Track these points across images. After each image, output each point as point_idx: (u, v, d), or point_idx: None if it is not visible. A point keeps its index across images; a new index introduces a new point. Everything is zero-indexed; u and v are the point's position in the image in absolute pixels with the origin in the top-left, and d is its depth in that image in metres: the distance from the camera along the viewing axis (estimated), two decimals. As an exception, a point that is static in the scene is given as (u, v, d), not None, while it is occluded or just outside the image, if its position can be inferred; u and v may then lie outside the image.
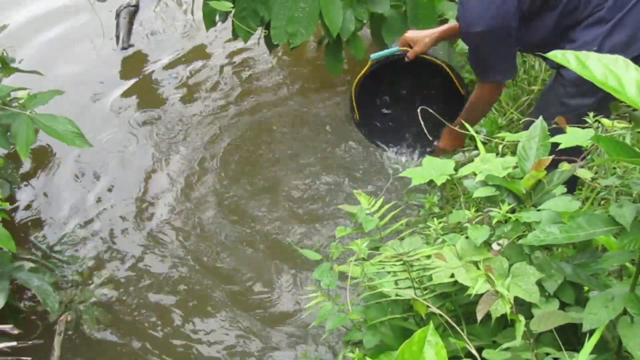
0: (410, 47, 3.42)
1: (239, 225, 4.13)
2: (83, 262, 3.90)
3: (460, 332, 1.77)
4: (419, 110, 2.61)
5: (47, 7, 6.18)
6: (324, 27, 4.24)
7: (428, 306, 1.91)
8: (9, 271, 3.14)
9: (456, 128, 2.94)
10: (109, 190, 4.42)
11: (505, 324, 1.91)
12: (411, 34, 3.44)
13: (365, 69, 3.58)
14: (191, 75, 5.41)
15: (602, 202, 2.76)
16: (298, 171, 4.49)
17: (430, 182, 2.30)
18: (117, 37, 5.78)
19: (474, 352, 1.71)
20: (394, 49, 3.50)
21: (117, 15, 5.90)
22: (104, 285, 3.74)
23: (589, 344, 1.61)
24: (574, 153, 2.08)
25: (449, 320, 1.79)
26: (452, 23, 3.48)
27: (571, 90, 2.86)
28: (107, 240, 4.07)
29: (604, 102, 2.65)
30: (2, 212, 3.07)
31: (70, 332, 3.49)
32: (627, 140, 2.50)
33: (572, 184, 2.75)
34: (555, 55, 1.44)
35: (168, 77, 5.42)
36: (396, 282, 2.10)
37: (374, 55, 3.54)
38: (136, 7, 6.08)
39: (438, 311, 1.82)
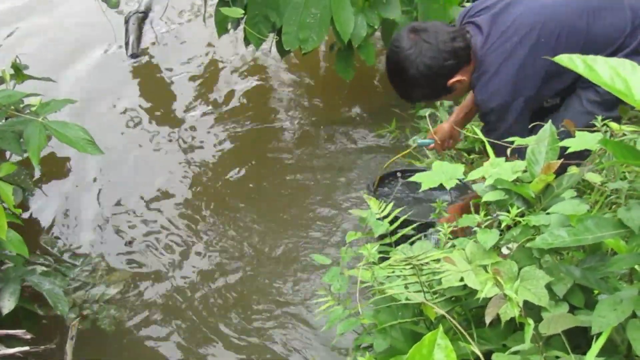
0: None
1: (250, 231, 4.15)
2: (96, 265, 3.92)
3: (468, 336, 1.78)
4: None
5: (58, 13, 6.21)
6: (336, 32, 4.26)
7: (437, 310, 1.91)
8: (22, 274, 3.17)
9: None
10: (120, 196, 4.44)
11: (515, 327, 1.91)
12: (443, 130, 3.46)
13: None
14: (202, 83, 5.43)
15: (613, 206, 2.75)
16: (309, 177, 4.51)
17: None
18: (127, 44, 5.78)
19: (480, 356, 1.71)
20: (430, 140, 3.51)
21: (126, 22, 5.90)
22: (116, 287, 3.76)
23: (596, 346, 1.61)
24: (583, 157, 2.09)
25: (456, 325, 1.79)
26: (464, 103, 3.50)
27: (602, 102, 2.85)
28: (119, 245, 4.10)
29: None
30: (15, 217, 3.09)
31: (86, 333, 3.51)
32: (638, 145, 2.49)
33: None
34: (562, 59, 1.44)
35: (178, 84, 5.43)
36: (406, 286, 2.11)
37: (420, 141, 3.55)
38: (145, 13, 6.08)
39: (445, 314, 1.83)
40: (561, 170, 2.03)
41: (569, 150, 2.02)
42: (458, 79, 2.96)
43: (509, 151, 2.29)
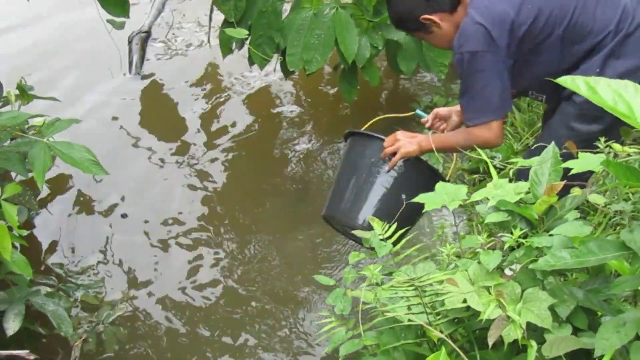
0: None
1: (254, 250, 4.15)
2: (100, 285, 3.92)
3: (471, 357, 1.77)
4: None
5: (63, 32, 6.24)
6: (340, 53, 4.27)
7: (440, 332, 1.91)
8: (26, 295, 3.17)
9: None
10: (125, 216, 4.44)
11: (518, 349, 1.90)
12: (443, 111, 3.52)
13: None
14: (205, 103, 5.44)
15: (617, 227, 2.75)
16: (313, 197, 4.51)
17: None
18: (130, 64, 5.81)
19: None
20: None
21: (130, 42, 5.92)
22: (120, 307, 3.76)
23: (598, 368, 1.61)
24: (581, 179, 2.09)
25: (456, 348, 1.79)
26: None
27: (581, 115, 2.84)
28: (123, 265, 4.09)
29: (613, 129, 2.63)
30: (19, 238, 3.09)
31: (89, 353, 3.51)
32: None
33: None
34: (565, 80, 1.45)
35: (182, 103, 5.45)
36: (409, 307, 2.11)
37: (418, 111, 3.64)
38: (148, 33, 6.11)
39: (446, 337, 1.82)
40: (564, 192, 2.03)
41: (572, 172, 2.02)
42: (432, 18, 2.97)
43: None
